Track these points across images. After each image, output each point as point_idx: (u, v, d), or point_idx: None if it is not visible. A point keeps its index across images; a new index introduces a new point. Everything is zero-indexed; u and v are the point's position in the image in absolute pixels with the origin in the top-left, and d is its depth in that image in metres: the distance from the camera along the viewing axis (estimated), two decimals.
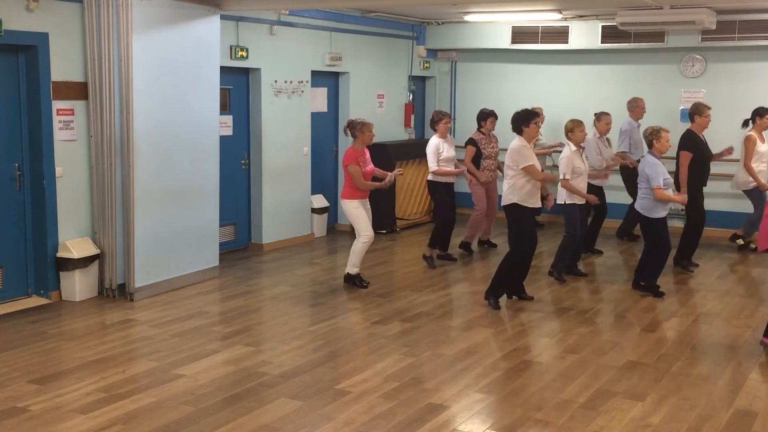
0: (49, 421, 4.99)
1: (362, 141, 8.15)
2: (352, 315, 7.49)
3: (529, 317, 7.39)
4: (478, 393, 5.57)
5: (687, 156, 8.80)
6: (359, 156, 8.09)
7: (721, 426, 5.06)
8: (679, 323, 7.29)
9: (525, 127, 7.51)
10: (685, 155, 8.82)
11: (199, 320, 7.18)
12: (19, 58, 7.40)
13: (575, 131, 8.41)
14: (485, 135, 9.74)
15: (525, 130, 7.52)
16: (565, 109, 11.42)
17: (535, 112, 7.65)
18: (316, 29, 10.60)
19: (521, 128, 7.53)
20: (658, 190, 7.71)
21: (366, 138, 8.14)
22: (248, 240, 10.29)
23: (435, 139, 9.40)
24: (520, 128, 7.54)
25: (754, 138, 9.65)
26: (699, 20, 9.78)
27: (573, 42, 11.74)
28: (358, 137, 8.14)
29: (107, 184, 7.76)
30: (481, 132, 9.74)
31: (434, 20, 12.41)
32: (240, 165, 10.06)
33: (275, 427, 4.96)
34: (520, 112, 7.62)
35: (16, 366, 5.94)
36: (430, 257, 9.35)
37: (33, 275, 7.68)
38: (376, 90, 11.96)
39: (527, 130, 7.51)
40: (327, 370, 5.97)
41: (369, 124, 8.20)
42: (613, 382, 5.77)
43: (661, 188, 7.72)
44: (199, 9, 8.26)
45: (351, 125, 8.20)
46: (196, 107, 8.37)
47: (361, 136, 8.12)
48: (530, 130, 7.52)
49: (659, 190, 7.72)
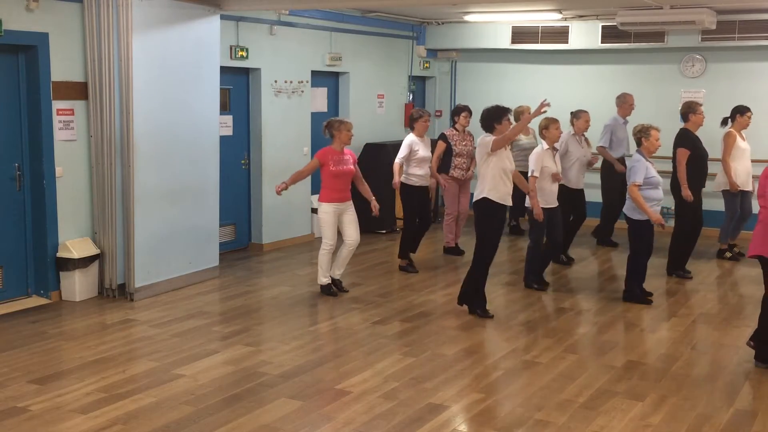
0: (49, 421, 4.99)
1: (340, 140, 7.77)
2: (352, 315, 7.49)
3: (529, 317, 7.39)
4: (478, 393, 5.56)
5: (684, 153, 8.67)
6: (331, 155, 7.72)
7: (721, 426, 5.06)
8: (679, 323, 7.29)
9: (497, 124, 7.10)
10: (682, 152, 8.69)
11: (199, 320, 7.18)
12: (19, 58, 7.40)
13: (550, 128, 7.99)
14: (459, 131, 9.52)
15: (497, 128, 7.09)
16: (565, 109, 11.36)
17: (507, 108, 7.24)
18: (316, 29, 10.61)
19: (493, 125, 7.12)
20: (633, 187, 7.39)
21: (343, 137, 7.76)
22: (248, 240, 10.29)
23: (411, 137, 9.00)
24: (492, 126, 7.13)
25: (734, 134, 9.41)
26: (699, 20, 9.78)
27: (573, 42, 11.74)
28: (335, 137, 7.78)
29: (107, 184, 7.76)
30: (454, 128, 9.53)
31: (434, 20, 12.41)
32: (240, 165, 10.06)
33: (275, 427, 4.96)
34: (491, 109, 7.18)
35: (16, 366, 5.94)
36: (407, 265, 9.11)
37: (33, 275, 7.68)
38: (376, 90, 11.96)
39: (499, 128, 7.08)
40: (327, 370, 5.97)
41: (347, 123, 7.84)
42: (613, 382, 5.77)
43: (637, 185, 7.39)
44: (199, 9, 8.26)
45: (328, 124, 7.85)
46: (196, 107, 8.37)
47: (338, 135, 7.75)
48: (502, 127, 7.08)
49: (634, 188, 7.39)
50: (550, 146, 8.05)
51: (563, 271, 9.25)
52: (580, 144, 9.32)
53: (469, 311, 7.41)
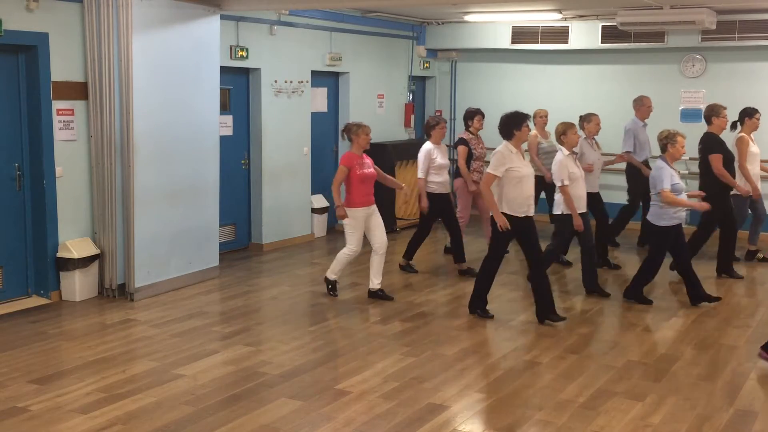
0: (49, 421, 4.99)
1: (358, 144, 7.82)
2: (352, 315, 7.49)
3: (529, 317, 7.38)
4: (478, 393, 5.57)
5: (718, 158, 8.51)
6: (355, 159, 7.78)
7: (721, 426, 5.06)
8: (679, 323, 7.29)
9: (517, 130, 6.98)
10: (716, 158, 8.53)
11: (199, 320, 7.18)
12: (19, 58, 7.40)
13: (568, 134, 7.86)
14: (474, 135, 9.37)
15: (516, 134, 6.98)
16: (565, 109, 11.37)
17: (527, 114, 7.11)
18: (316, 29, 10.61)
19: (513, 132, 7.00)
20: (665, 192, 7.36)
21: (362, 141, 7.81)
22: (248, 240, 10.29)
23: (428, 145, 8.86)
24: (512, 132, 7.00)
25: (746, 139, 9.22)
26: (699, 20, 9.78)
27: (573, 42, 11.74)
28: (354, 141, 7.84)
29: (107, 184, 7.76)
30: (469, 132, 9.39)
31: (434, 20, 12.41)
32: (240, 165, 10.06)
33: (275, 427, 4.96)
34: (510, 115, 7.04)
35: (16, 366, 5.94)
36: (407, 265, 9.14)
37: (33, 275, 7.68)
38: (376, 90, 11.96)
39: (519, 134, 6.98)
40: (327, 370, 5.97)
41: (365, 127, 7.89)
42: (613, 382, 5.77)
43: (667, 191, 7.37)
44: (199, 9, 8.26)
45: (347, 129, 7.94)
46: (196, 107, 8.37)
47: (357, 139, 7.80)
48: (521, 134, 6.99)
49: (666, 193, 7.36)
50: (569, 151, 7.92)
51: (563, 271, 9.25)
52: (592, 147, 9.18)
53: (469, 311, 7.41)
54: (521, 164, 6.99)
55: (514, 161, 6.95)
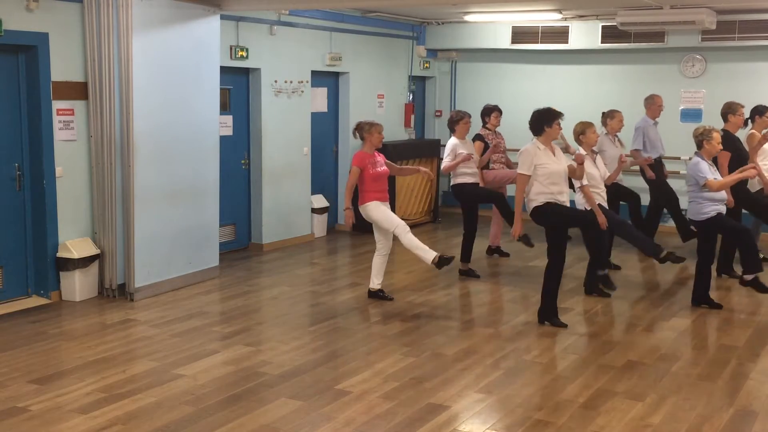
0: (49, 421, 4.99)
1: (371, 143, 7.83)
2: (352, 315, 7.49)
3: (529, 317, 7.38)
4: (478, 393, 5.56)
5: (726, 156, 8.46)
6: (367, 158, 7.77)
7: (721, 426, 5.06)
8: (679, 323, 7.28)
9: (548, 127, 6.86)
10: (723, 155, 8.44)
11: (199, 320, 7.18)
12: (19, 58, 7.40)
13: (587, 133, 7.86)
14: (491, 131, 9.44)
15: (547, 131, 6.87)
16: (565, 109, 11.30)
17: (559, 112, 6.99)
18: (316, 29, 10.61)
19: (543, 128, 6.88)
20: (711, 181, 7.23)
21: (374, 140, 7.82)
22: (248, 240, 10.29)
23: (453, 140, 8.83)
24: (542, 128, 6.89)
25: (757, 135, 9.22)
26: (699, 20, 9.78)
27: (573, 42, 11.74)
28: (366, 139, 7.84)
29: (107, 184, 7.76)
30: (486, 128, 9.46)
31: (434, 20, 12.42)
32: (240, 165, 10.06)
33: (275, 427, 4.96)
34: (542, 111, 6.92)
35: (16, 366, 5.94)
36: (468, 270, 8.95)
37: (33, 275, 7.68)
38: (376, 90, 11.96)
39: (549, 131, 6.87)
40: (327, 370, 5.97)
41: (377, 125, 7.89)
42: (613, 382, 5.77)
43: (712, 179, 7.24)
44: (199, 9, 8.26)
45: (358, 127, 7.91)
46: (196, 107, 8.37)
47: (369, 137, 7.81)
48: (552, 131, 6.87)
49: (711, 181, 7.23)
50: (588, 151, 7.87)
51: (563, 271, 9.19)
52: (614, 143, 9.19)
53: (539, 321, 7.17)
54: (550, 160, 6.87)
55: (542, 158, 6.85)
